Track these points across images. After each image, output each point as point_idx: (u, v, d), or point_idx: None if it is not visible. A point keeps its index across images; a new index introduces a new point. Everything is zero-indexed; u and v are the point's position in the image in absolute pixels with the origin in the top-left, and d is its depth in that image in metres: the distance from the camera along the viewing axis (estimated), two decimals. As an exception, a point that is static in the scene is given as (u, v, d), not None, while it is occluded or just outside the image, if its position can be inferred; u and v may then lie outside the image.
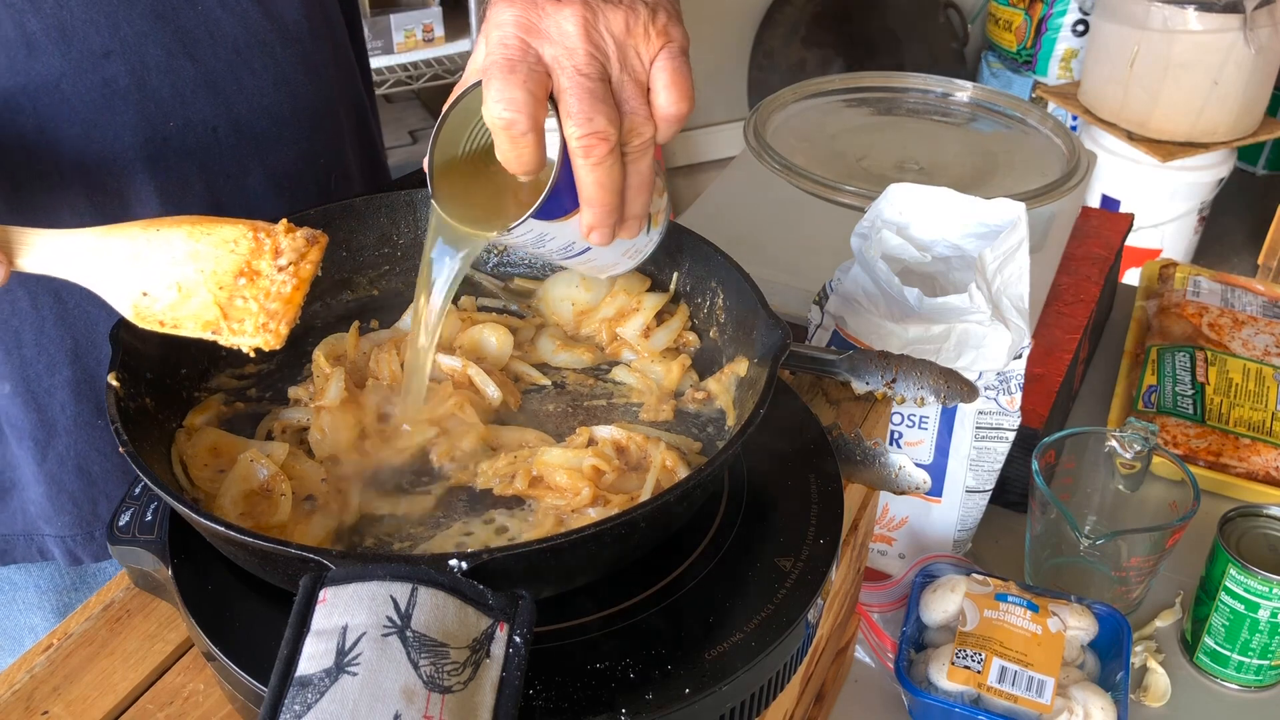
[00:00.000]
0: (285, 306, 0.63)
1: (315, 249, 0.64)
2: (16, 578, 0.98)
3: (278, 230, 0.64)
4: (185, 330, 0.63)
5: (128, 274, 0.63)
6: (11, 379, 0.86)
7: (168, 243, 0.63)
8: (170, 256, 0.63)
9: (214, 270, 0.63)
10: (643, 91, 0.64)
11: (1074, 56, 3.33)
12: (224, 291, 0.63)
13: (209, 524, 0.56)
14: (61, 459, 0.90)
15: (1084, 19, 3.25)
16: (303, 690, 0.48)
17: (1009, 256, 0.93)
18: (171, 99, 0.83)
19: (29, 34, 0.78)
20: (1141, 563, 1.02)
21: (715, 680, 0.59)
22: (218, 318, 0.63)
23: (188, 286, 0.63)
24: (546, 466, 0.67)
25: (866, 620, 1.02)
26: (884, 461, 0.79)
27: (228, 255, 0.63)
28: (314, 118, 0.93)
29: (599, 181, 0.62)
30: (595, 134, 0.61)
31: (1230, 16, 2.49)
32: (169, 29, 0.82)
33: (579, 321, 0.82)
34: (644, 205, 0.66)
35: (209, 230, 0.64)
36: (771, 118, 1.34)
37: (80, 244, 0.63)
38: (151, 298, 0.63)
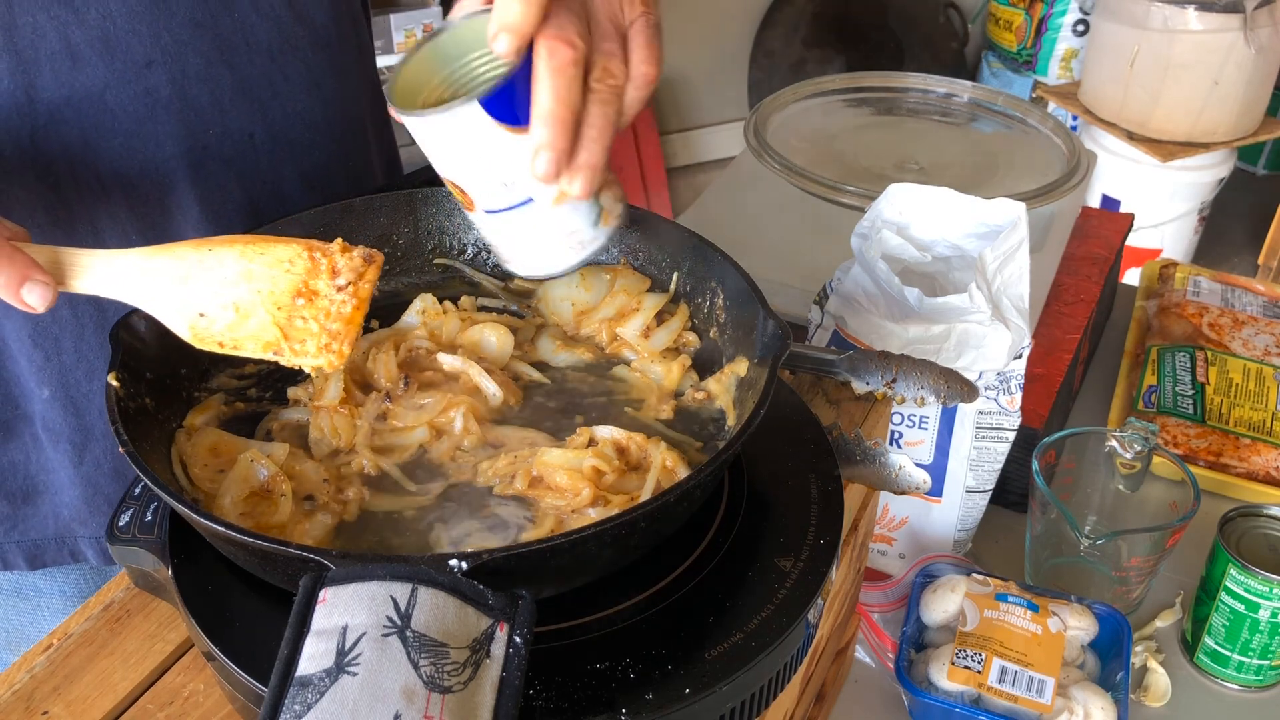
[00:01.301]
0: (347, 327, 0.62)
1: (372, 268, 0.63)
2: (41, 584, 0.98)
3: (333, 250, 0.63)
4: (246, 351, 0.62)
5: (180, 295, 0.62)
6: (51, 384, 0.87)
7: (220, 263, 0.62)
8: (223, 277, 0.62)
9: (270, 290, 0.62)
10: (621, 41, 0.64)
11: (1074, 56, 3.33)
12: (282, 312, 0.62)
13: (209, 524, 0.56)
14: (98, 462, 0.91)
15: (1084, 19, 3.25)
16: (303, 690, 0.48)
17: (1009, 256, 0.93)
18: (210, 107, 0.84)
19: (73, 45, 0.78)
20: (1141, 563, 1.02)
21: (715, 680, 0.59)
22: (278, 338, 0.62)
23: (244, 307, 0.62)
24: (547, 467, 0.67)
25: (866, 620, 1.02)
26: (884, 461, 0.79)
27: (284, 275, 0.62)
28: (344, 120, 0.94)
29: (557, 92, 0.60)
30: (563, 38, 0.60)
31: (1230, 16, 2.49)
32: (207, 36, 0.83)
33: (579, 321, 0.82)
34: (598, 157, 0.63)
35: (262, 250, 0.63)
36: (771, 118, 1.34)
37: (128, 265, 0.63)
38: (209, 319, 0.62)
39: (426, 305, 0.80)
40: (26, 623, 0.99)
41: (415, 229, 0.84)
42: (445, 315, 0.80)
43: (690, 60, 3.50)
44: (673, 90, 3.53)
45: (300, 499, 0.67)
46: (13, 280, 0.60)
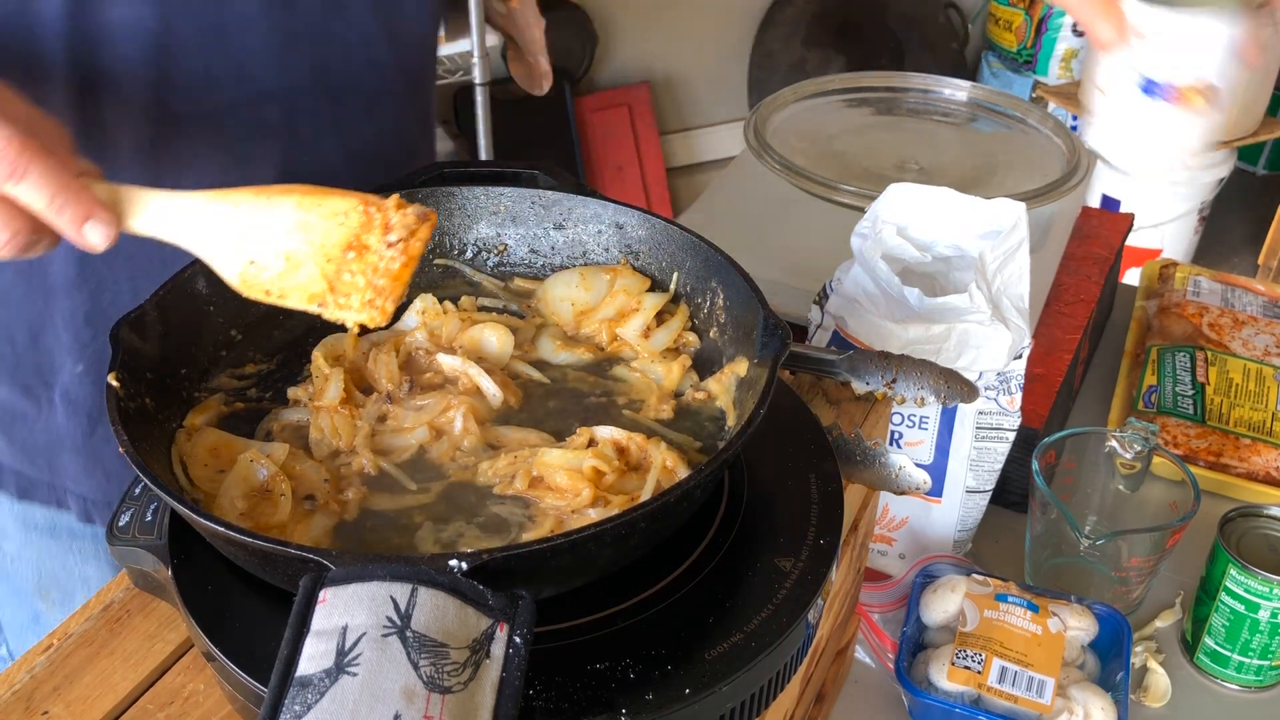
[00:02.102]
0: (393, 284, 0.62)
1: (425, 226, 0.63)
2: (76, 526, 1.00)
3: (389, 205, 0.62)
4: (291, 301, 0.62)
5: (234, 241, 0.62)
6: (87, 361, 0.90)
7: (277, 212, 0.62)
8: (279, 226, 0.62)
9: (322, 243, 0.62)
10: None
11: (1074, 56, 3.33)
12: (332, 264, 0.62)
13: (209, 524, 0.56)
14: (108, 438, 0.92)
15: (1084, 19, 3.25)
16: (303, 690, 0.48)
17: (1009, 256, 0.93)
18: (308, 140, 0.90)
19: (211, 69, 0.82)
20: (1141, 563, 1.02)
21: (715, 680, 0.59)
22: (324, 291, 0.62)
23: (296, 257, 0.62)
24: (547, 467, 0.67)
25: (866, 620, 1.02)
26: (884, 461, 0.79)
27: (337, 228, 0.62)
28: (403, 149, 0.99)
29: None
30: None
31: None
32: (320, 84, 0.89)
33: (579, 321, 0.82)
34: None
35: (319, 201, 0.62)
36: (771, 118, 1.34)
37: (187, 207, 0.63)
38: (259, 266, 0.62)
39: (426, 305, 0.80)
40: (58, 565, 1.01)
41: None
42: (445, 315, 0.80)
43: (690, 60, 3.50)
44: (673, 90, 3.53)
45: (300, 499, 0.67)
46: (77, 217, 0.60)
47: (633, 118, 3.38)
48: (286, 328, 0.79)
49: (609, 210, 0.83)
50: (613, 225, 0.83)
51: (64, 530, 1.00)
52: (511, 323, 0.81)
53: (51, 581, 1.01)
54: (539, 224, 0.85)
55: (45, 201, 0.59)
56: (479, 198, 0.84)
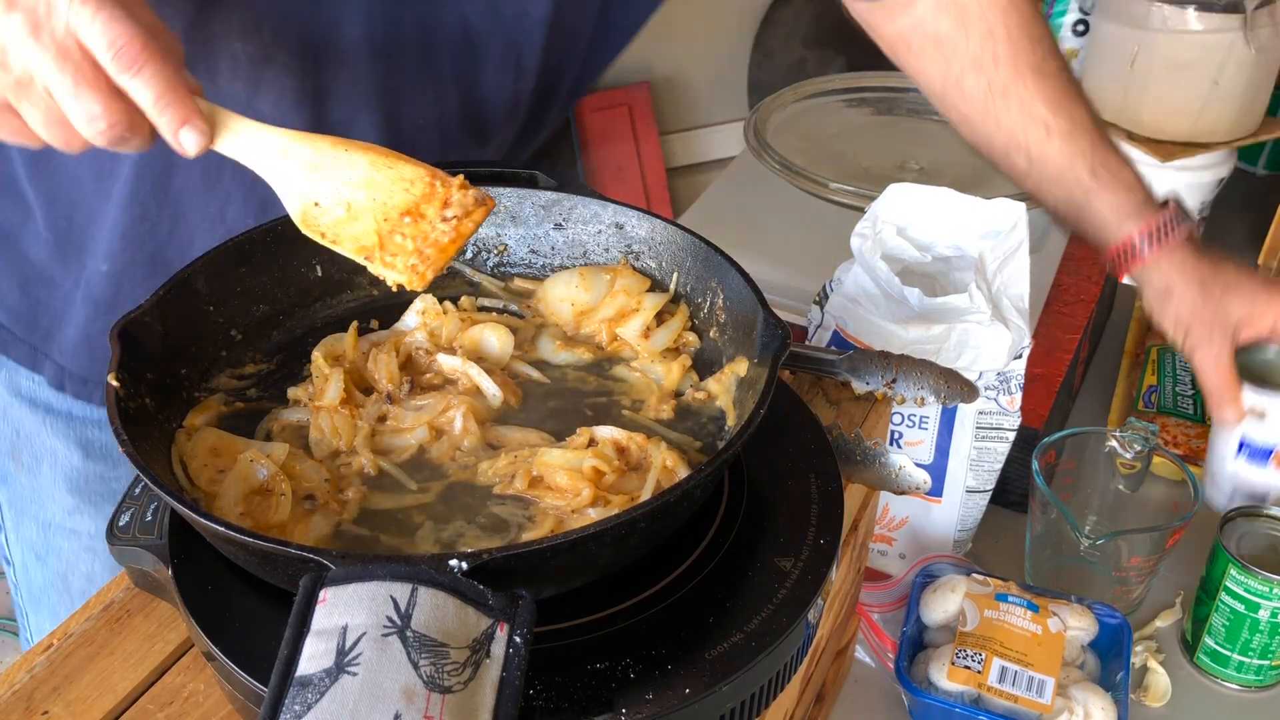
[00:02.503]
0: (438, 255, 0.66)
1: (481, 210, 0.67)
2: (53, 400, 1.04)
3: (454, 183, 0.67)
4: (342, 248, 0.66)
5: (305, 181, 0.67)
6: (111, 265, 0.94)
7: (351, 165, 0.66)
8: (349, 178, 0.66)
9: (384, 203, 0.66)
10: None
11: (1074, 56, 3.32)
12: (388, 224, 0.66)
13: (209, 524, 0.56)
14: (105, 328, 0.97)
15: (1084, 19, 3.25)
16: (303, 690, 0.48)
17: (1009, 256, 0.93)
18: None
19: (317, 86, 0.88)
20: (1141, 563, 1.02)
21: (715, 680, 0.59)
22: (374, 246, 0.66)
23: (356, 209, 0.66)
24: (547, 467, 0.67)
25: (866, 620, 1.02)
26: (884, 461, 0.79)
27: (401, 192, 0.66)
28: None
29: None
30: None
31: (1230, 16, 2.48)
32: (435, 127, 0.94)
33: (579, 321, 0.82)
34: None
35: (391, 164, 0.67)
36: (771, 118, 1.34)
37: (273, 141, 0.67)
38: (321, 209, 0.66)
39: (427, 305, 0.80)
40: (33, 433, 1.06)
41: (415, 229, 0.84)
42: (445, 315, 0.80)
43: (690, 60, 3.50)
44: (673, 90, 3.53)
45: (300, 499, 0.67)
46: (176, 118, 0.63)
47: (633, 118, 3.38)
48: (286, 328, 0.79)
49: (609, 210, 0.83)
50: (613, 225, 0.83)
51: (41, 403, 1.05)
52: (511, 323, 0.81)
53: (24, 446, 1.07)
54: (539, 224, 0.85)
55: (153, 99, 0.62)
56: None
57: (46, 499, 1.07)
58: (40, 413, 1.05)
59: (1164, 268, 1.00)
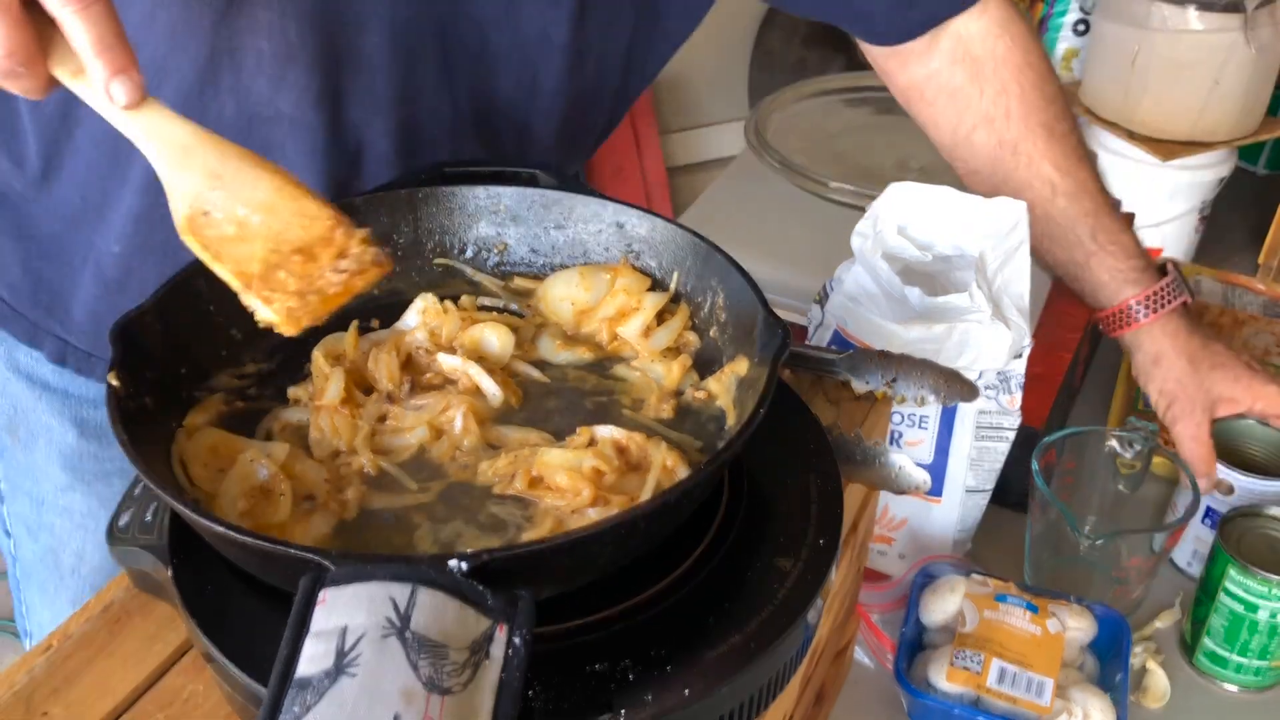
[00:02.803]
0: (320, 304, 0.63)
1: (376, 270, 0.65)
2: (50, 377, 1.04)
3: (356, 235, 0.64)
4: (221, 267, 0.63)
5: (201, 186, 0.63)
6: (121, 243, 0.94)
7: (255, 184, 0.63)
8: (249, 197, 0.63)
9: (279, 233, 0.63)
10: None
11: (1075, 56, 3.32)
12: (275, 256, 0.63)
13: (209, 524, 0.56)
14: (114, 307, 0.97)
15: (1084, 19, 3.25)
16: (302, 691, 0.48)
17: (1009, 256, 0.93)
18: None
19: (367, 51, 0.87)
20: (1141, 563, 1.02)
21: (715, 680, 0.59)
22: (254, 275, 0.62)
23: (248, 232, 0.63)
24: (547, 467, 0.67)
25: (866, 621, 1.02)
26: (884, 461, 0.79)
27: (299, 228, 0.63)
28: None
29: None
30: None
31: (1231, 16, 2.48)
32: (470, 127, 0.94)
33: (579, 321, 0.82)
34: None
35: (296, 196, 0.64)
36: (771, 118, 1.34)
37: (181, 134, 0.63)
38: (210, 220, 0.63)
39: (427, 305, 0.80)
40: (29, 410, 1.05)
41: (415, 229, 0.84)
42: (445, 315, 0.80)
43: (690, 60, 3.49)
44: (673, 90, 3.52)
45: (300, 499, 0.67)
46: (115, 63, 0.60)
47: (633, 118, 3.38)
48: (286, 327, 0.79)
49: (609, 210, 0.83)
50: (613, 225, 0.83)
51: (39, 379, 1.04)
52: (511, 322, 0.81)
53: (21, 421, 1.06)
54: (539, 224, 0.85)
55: (96, 37, 0.59)
56: (479, 197, 0.84)
57: (40, 475, 1.08)
58: (37, 389, 1.05)
59: (1156, 335, 1.04)
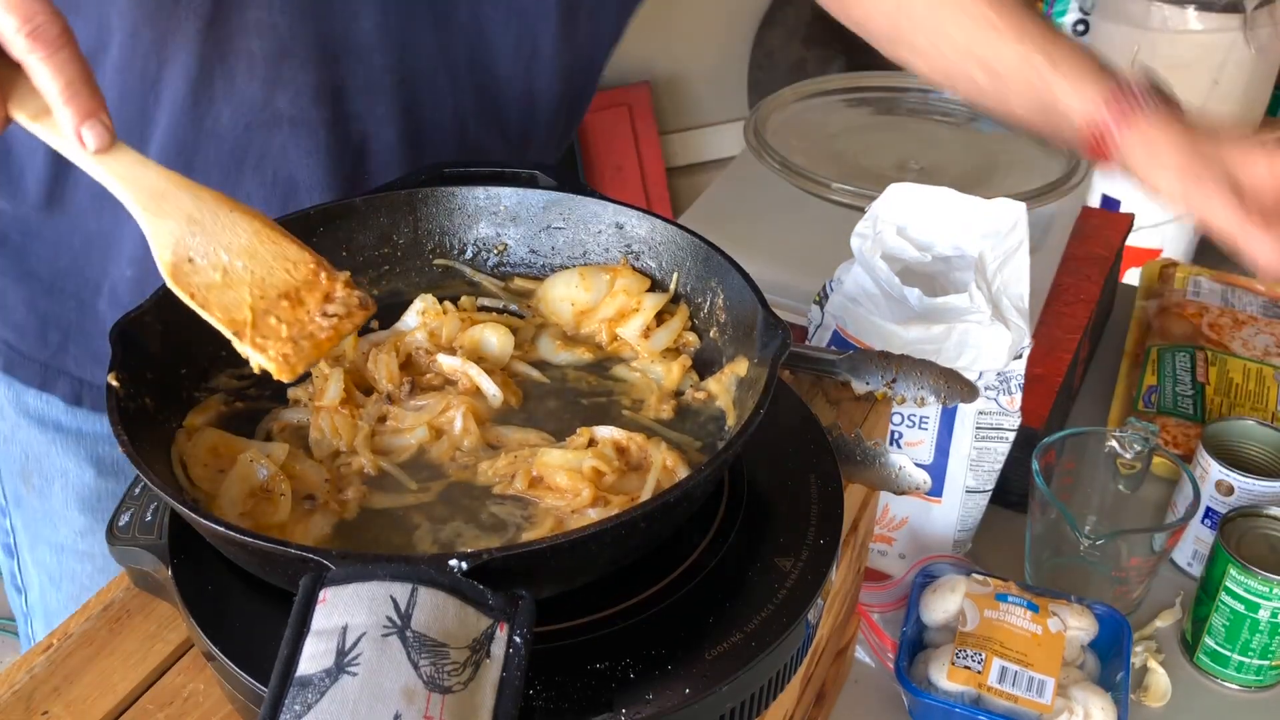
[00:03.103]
0: (312, 349, 0.64)
1: (362, 314, 0.65)
2: (62, 418, 1.02)
3: (339, 278, 0.65)
4: (211, 314, 0.63)
5: (182, 233, 0.63)
6: (134, 267, 0.93)
7: (233, 228, 0.64)
8: (229, 242, 0.63)
9: (263, 278, 0.63)
10: None
11: (1074, 56, 3.32)
12: (263, 302, 0.63)
13: (209, 524, 0.56)
14: None
15: (1084, 19, 3.25)
16: (303, 690, 0.48)
17: (1009, 256, 0.93)
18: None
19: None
20: (1141, 563, 1.02)
21: (715, 680, 0.59)
22: (245, 321, 0.63)
23: (232, 277, 0.63)
24: (547, 467, 0.67)
25: (866, 620, 1.02)
26: (884, 461, 0.79)
27: (282, 272, 0.64)
28: None
29: None
30: None
31: (1230, 16, 2.48)
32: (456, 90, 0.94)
33: (579, 321, 0.82)
34: None
35: (276, 240, 0.64)
36: (771, 118, 1.34)
37: (154, 180, 0.63)
38: (194, 267, 0.63)
39: (427, 305, 0.80)
40: (43, 454, 1.04)
41: (415, 229, 0.84)
42: (445, 315, 0.80)
43: (690, 60, 3.50)
44: (673, 90, 3.52)
45: (300, 499, 0.67)
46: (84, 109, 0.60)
47: (633, 118, 3.38)
48: (286, 328, 0.79)
49: (609, 210, 0.83)
50: (613, 225, 0.83)
51: (51, 422, 1.03)
52: (511, 323, 0.81)
53: (35, 468, 1.04)
54: (539, 224, 0.85)
55: (65, 83, 0.58)
56: (479, 198, 0.84)
57: (59, 520, 1.06)
58: (50, 432, 1.03)
59: (1145, 133, 0.92)
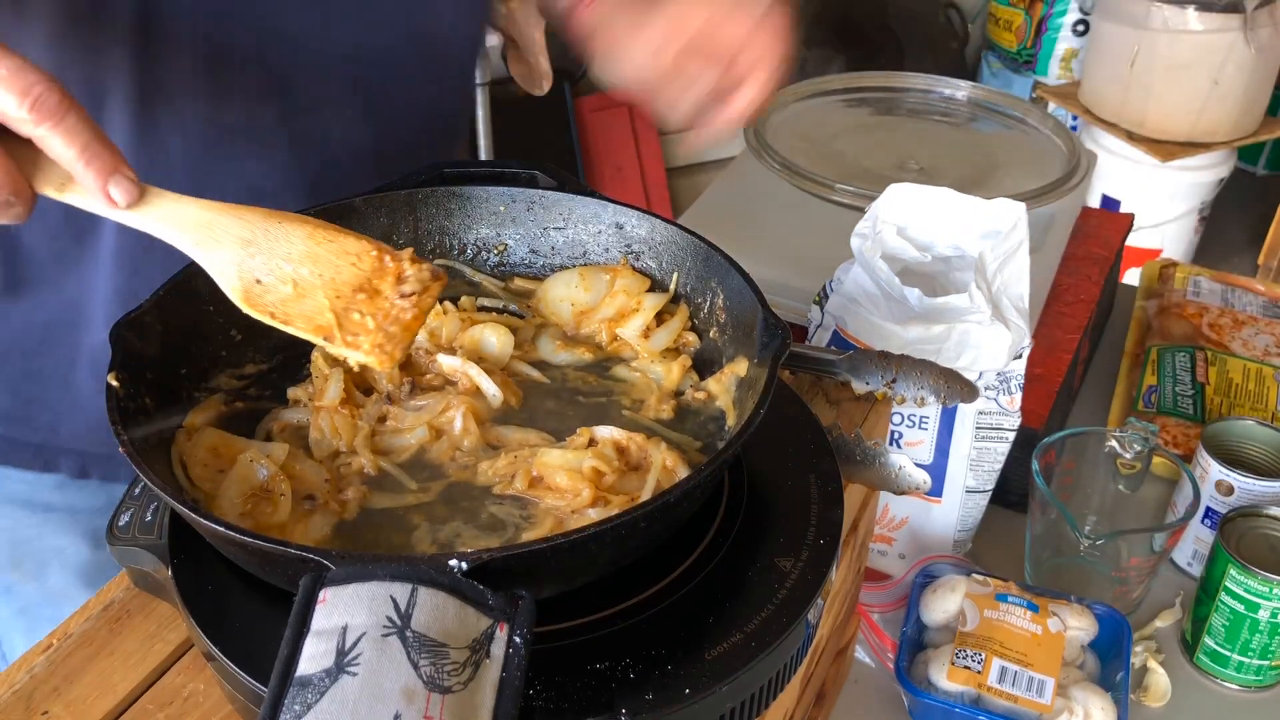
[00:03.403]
0: (404, 333, 0.63)
1: (437, 284, 0.65)
2: (53, 498, 1.00)
3: (404, 257, 0.64)
4: (296, 328, 0.63)
5: (241, 257, 0.62)
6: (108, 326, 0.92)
7: (287, 238, 0.63)
8: (288, 252, 0.63)
9: (333, 278, 0.63)
10: None
11: (1074, 56, 3.32)
12: (341, 301, 0.62)
13: (209, 524, 0.56)
14: None
15: (1084, 19, 3.25)
16: (303, 690, 0.48)
17: (1009, 256, 0.93)
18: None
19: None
20: (1141, 563, 1.02)
21: (715, 680, 0.59)
22: (332, 325, 0.62)
23: (304, 286, 0.62)
24: (547, 467, 0.67)
25: (866, 620, 1.02)
26: (884, 461, 0.79)
27: (349, 267, 0.63)
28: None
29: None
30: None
31: (1230, 16, 2.49)
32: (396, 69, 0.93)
33: (579, 321, 0.82)
34: None
35: (331, 238, 0.64)
36: (771, 118, 1.34)
37: (197, 214, 0.62)
38: (265, 286, 0.62)
39: (427, 305, 0.80)
40: (34, 536, 1.01)
41: (415, 229, 0.84)
42: (445, 315, 0.80)
43: (690, 60, 3.49)
44: (673, 90, 3.52)
45: (300, 499, 0.67)
46: (105, 168, 0.59)
47: (633, 118, 3.38)
48: (286, 328, 0.79)
49: (609, 210, 0.83)
50: (613, 225, 0.83)
51: (40, 504, 1.00)
52: (511, 323, 0.81)
53: (25, 553, 1.02)
54: (539, 224, 0.85)
55: (80, 148, 0.58)
56: (479, 198, 0.84)
57: (62, 599, 1.03)
58: (39, 514, 1.01)
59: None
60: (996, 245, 0.92)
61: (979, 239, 0.95)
